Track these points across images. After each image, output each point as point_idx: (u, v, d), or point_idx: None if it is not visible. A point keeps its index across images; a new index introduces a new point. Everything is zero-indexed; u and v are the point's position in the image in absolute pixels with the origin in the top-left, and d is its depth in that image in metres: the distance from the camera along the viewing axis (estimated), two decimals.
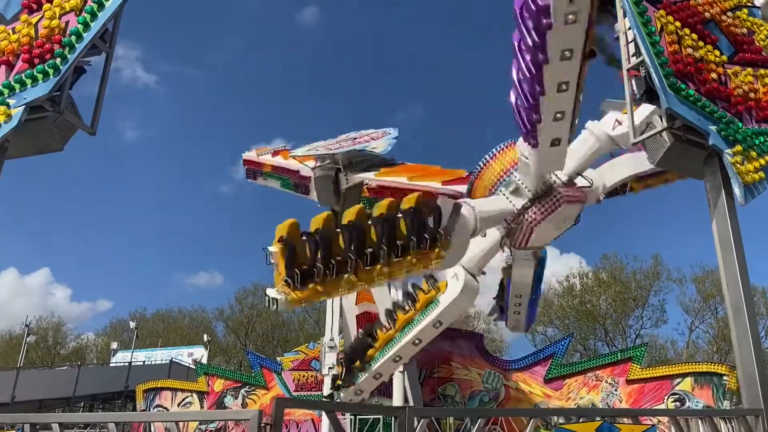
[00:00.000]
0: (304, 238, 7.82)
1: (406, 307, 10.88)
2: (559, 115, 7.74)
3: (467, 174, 12.01)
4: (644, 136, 7.42)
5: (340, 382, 11.79)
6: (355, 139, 17.28)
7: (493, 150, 11.04)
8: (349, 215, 8.09)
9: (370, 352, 11.34)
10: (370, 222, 8.14)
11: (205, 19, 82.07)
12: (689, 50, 7.69)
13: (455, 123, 74.91)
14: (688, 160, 7.48)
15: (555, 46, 6.75)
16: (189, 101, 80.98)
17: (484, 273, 11.50)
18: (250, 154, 15.82)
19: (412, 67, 78.48)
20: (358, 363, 11.36)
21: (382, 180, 13.43)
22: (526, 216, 10.05)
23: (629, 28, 7.48)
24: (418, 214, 8.21)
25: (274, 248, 7.71)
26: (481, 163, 11.19)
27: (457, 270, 10.38)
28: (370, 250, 7.97)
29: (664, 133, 7.28)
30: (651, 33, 7.32)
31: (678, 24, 7.77)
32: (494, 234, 10.76)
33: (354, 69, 79.75)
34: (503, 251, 11.37)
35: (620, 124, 10.03)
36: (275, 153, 15.76)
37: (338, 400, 11.79)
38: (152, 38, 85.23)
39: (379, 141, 15.94)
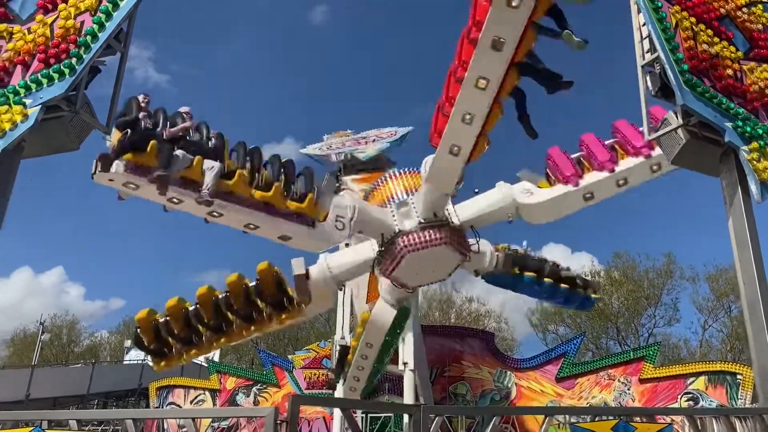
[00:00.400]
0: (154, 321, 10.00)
1: None
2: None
3: None
4: (659, 133, 7.37)
5: (333, 377, 12.60)
6: (364, 138, 17.34)
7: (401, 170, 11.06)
8: (197, 296, 9.67)
9: (349, 356, 11.91)
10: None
11: (215, 19, 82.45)
12: (705, 46, 7.62)
13: None
14: (703, 157, 7.41)
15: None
16: (200, 100, 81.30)
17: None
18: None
19: (426, 64, 78.32)
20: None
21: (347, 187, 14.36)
22: (404, 238, 9.18)
23: (644, 24, 7.43)
24: (258, 290, 9.50)
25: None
26: (379, 180, 11.12)
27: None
28: (212, 323, 9.69)
29: (679, 130, 7.22)
30: (666, 29, 7.26)
31: (693, 20, 7.70)
32: (367, 253, 10.14)
33: (366, 67, 79.79)
34: (371, 271, 10.44)
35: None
36: None
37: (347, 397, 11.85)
38: (164, 38, 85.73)
39: (371, 145, 16.04)
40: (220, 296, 9.62)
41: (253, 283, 9.53)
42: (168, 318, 9.88)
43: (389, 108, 73.09)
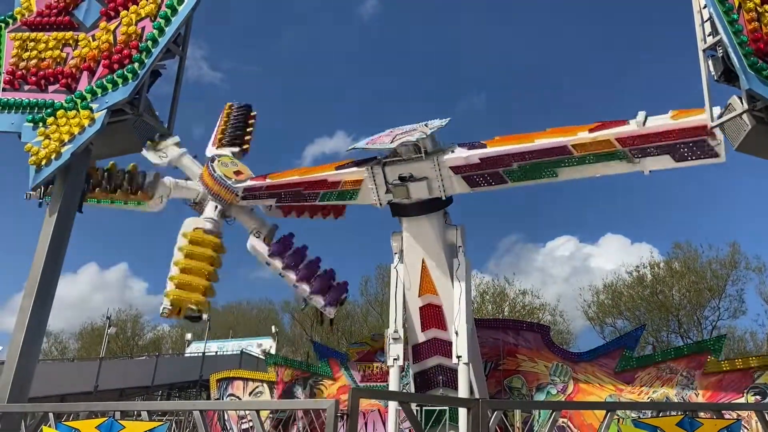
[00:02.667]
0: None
1: None
2: None
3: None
4: (723, 119, 7.12)
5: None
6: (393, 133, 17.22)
7: None
8: None
9: None
10: None
11: (266, 16, 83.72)
12: None
13: (517, 112, 73.65)
14: None
15: None
16: (252, 96, 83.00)
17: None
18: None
19: (475, 56, 77.54)
20: None
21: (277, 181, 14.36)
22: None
23: (704, 7, 7.18)
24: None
25: None
26: None
27: None
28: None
29: (744, 116, 6.95)
30: (729, 11, 6.99)
31: (757, 1, 7.38)
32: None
33: (415, 60, 79.51)
34: None
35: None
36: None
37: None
38: (216, 37, 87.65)
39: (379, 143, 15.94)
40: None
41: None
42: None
43: (437, 98, 72.70)
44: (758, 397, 15.17)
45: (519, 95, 76.73)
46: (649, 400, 16.23)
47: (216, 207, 14.95)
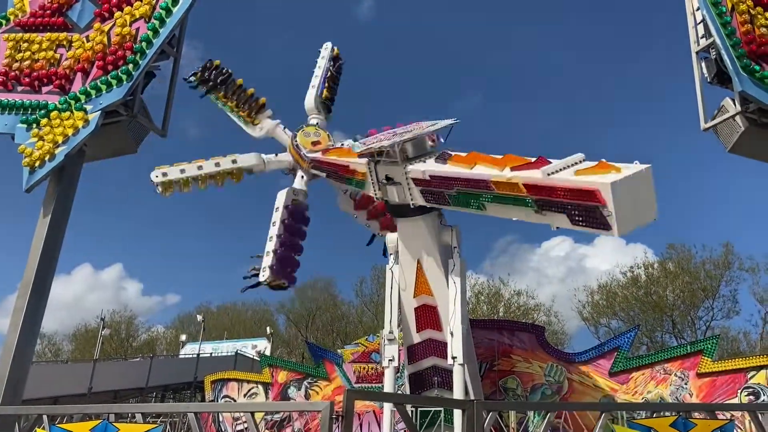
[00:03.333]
0: None
1: None
2: None
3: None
4: (716, 121, 7.16)
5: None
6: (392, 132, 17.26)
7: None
8: None
9: None
10: None
11: (262, 16, 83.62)
12: (763, 30, 7.36)
13: (514, 112, 73.81)
14: (763, 144, 7.16)
15: None
16: None
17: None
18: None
19: (471, 57, 77.66)
20: None
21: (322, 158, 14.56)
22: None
23: (697, 9, 7.22)
24: None
25: None
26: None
27: None
28: None
29: (737, 118, 6.99)
30: (722, 13, 7.04)
31: (750, 3, 7.44)
32: None
33: (411, 60, 79.57)
34: None
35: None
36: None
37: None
38: (211, 36, 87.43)
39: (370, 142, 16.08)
40: None
41: None
42: None
43: (434, 98, 72.76)
44: (752, 397, 15.23)
45: (517, 96, 76.88)
46: (643, 401, 16.29)
47: (302, 176, 15.66)
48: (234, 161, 15.19)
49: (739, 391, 15.57)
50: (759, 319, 38.79)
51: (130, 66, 7.13)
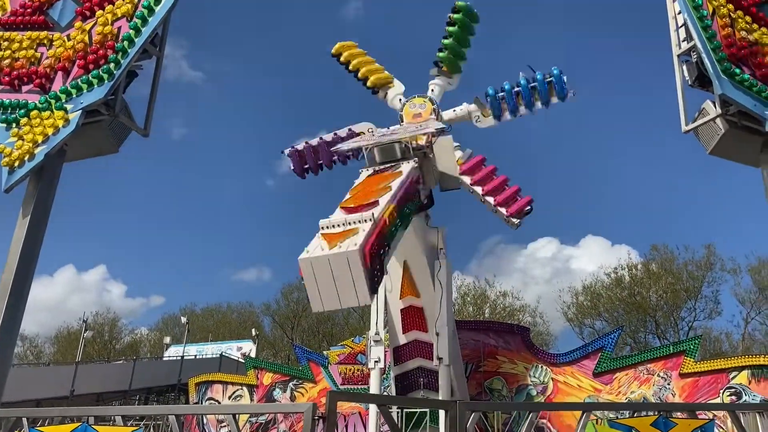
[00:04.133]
0: None
1: None
2: None
3: None
4: (697, 123, 7.22)
5: None
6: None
7: None
8: None
9: None
10: None
11: (249, 15, 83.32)
12: (743, 33, 7.43)
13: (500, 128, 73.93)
14: (743, 147, 7.25)
15: None
16: (233, 96, 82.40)
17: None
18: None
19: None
20: None
21: None
22: None
23: (679, 12, 7.29)
24: None
25: None
26: None
27: None
28: None
29: (718, 120, 7.07)
30: (703, 17, 7.11)
31: (731, 6, 7.52)
32: None
33: (400, 61, 79.50)
34: None
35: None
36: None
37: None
38: (197, 36, 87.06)
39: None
40: None
41: None
42: None
43: None
44: (734, 397, 15.38)
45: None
46: (626, 401, 16.41)
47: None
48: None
49: (722, 391, 15.74)
50: (741, 320, 39.33)
51: (112, 65, 7.06)
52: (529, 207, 13.54)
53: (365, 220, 8.29)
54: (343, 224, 8.33)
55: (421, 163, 12.63)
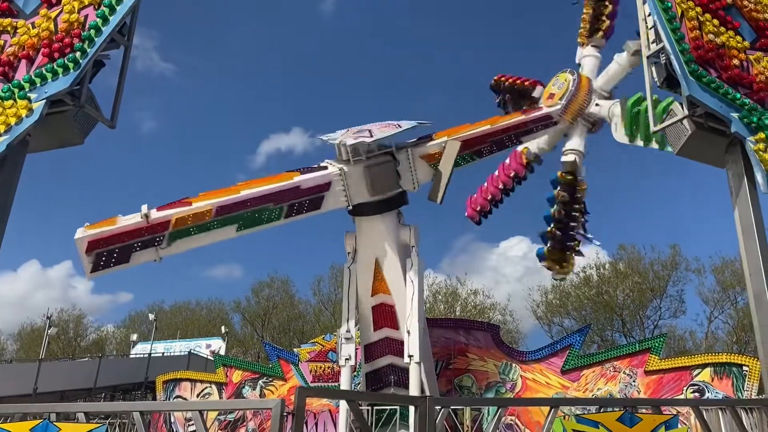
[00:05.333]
0: None
1: None
2: None
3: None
4: (665, 124, 7.34)
5: None
6: (368, 129, 17.30)
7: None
8: None
9: None
10: None
11: (222, 8, 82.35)
12: (711, 36, 7.57)
13: (474, 114, 74.58)
14: (709, 148, 7.38)
15: None
16: (206, 90, 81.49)
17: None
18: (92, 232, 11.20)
19: (432, 57, 78.13)
20: None
21: (467, 134, 13.80)
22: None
23: (649, 14, 7.39)
24: None
25: None
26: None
27: None
28: None
29: (685, 121, 7.18)
30: (672, 19, 7.22)
31: (699, 9, 7.65)
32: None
33: (373, 59, 79.63)
34: None
35: None
36: (164, 208, 11.62)
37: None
38: (169, 27, 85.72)
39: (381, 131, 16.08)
40: None
41: None
42: None
43: (394, 98, 73.01)
44: (697, 394, 15.70)
45: (480, 96, 77.74)
46: (593, 397, 16.65)
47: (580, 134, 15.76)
48: None
49: (685, 388, 16.06)
50: (704, 319, 40.30)
51: (78, 54, 6.86)
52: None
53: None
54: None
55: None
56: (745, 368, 15.44)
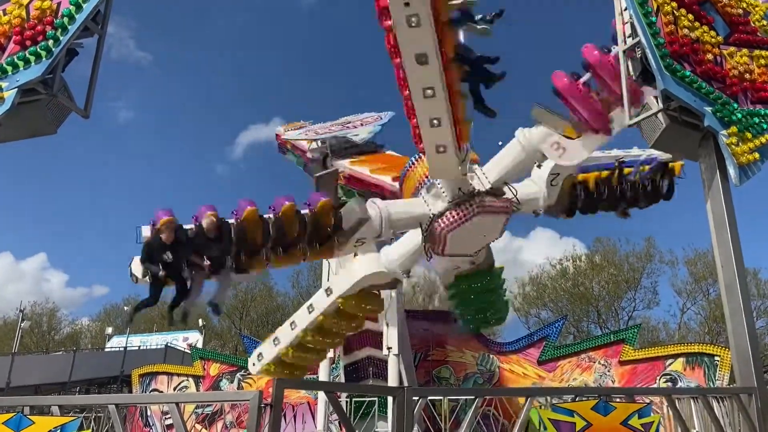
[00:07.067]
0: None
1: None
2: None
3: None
4: (640, 117, 7.43)
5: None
6: (348, 123, 17.31)
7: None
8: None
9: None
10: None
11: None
12: (685, 31, 7.68)
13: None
14: (683, 141, 7.51)
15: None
16: (183, 80, 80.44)
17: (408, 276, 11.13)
18: (279, 129, 17.22)
19: None
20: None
21: (351, 170, 14.08)
22: (439, 221, 9.47)
23: (625, 9, 7.47)
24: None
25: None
26: (408, 163, 10.94)
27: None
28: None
29: (659, 115, 7.28)
30: (647, 13, 7.30)
31: (674, 4, 7.75)
32: (418, 238, 10.15)
33: (354, 51, 79.27)
34: (427, 257, 10.37)
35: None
36: (299, 128, 16.85)
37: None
38: (146, 15, 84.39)
39: (363, 128, 16.03)
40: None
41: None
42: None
43: (375, 90, 72.80)
44: (670, 383, 15.99)
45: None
46: (569, 386, 16.87)
47: None
48: None
49: (658, 377, 16.35)
50: (677, 310, 41.01)
51: (50, 42, 6.73)
52: None
53: None
54: None
55: None
56: (716, 358, 15.76)
